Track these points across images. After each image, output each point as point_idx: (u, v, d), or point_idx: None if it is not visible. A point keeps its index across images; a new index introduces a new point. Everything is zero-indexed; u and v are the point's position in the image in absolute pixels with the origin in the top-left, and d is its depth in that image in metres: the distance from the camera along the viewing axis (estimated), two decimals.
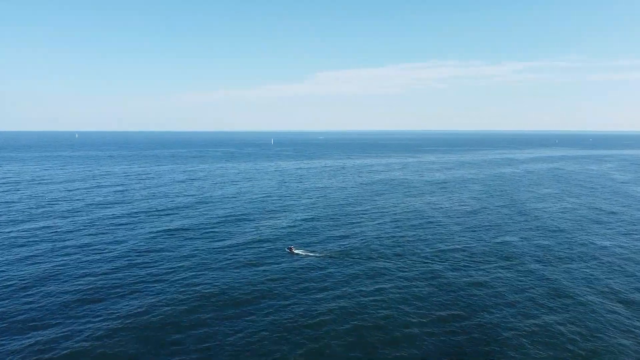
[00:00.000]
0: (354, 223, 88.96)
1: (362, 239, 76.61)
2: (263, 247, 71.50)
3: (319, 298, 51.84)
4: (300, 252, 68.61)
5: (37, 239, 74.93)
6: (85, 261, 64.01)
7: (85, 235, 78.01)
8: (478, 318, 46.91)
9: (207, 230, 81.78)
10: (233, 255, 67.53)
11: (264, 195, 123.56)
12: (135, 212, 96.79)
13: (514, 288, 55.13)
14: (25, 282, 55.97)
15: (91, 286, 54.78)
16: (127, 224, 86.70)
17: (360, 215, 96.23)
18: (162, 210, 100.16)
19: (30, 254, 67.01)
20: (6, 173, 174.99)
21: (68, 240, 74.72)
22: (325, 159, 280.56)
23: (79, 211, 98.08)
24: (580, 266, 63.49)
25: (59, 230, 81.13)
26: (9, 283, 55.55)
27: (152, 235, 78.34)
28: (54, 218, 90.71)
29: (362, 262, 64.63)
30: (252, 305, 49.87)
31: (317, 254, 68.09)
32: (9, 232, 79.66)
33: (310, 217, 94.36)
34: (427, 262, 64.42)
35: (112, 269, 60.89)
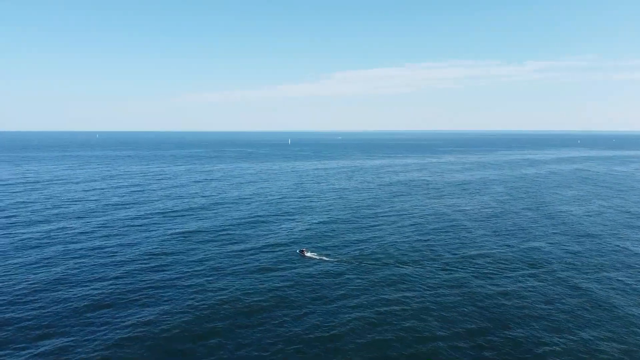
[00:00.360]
0: (371, 226, 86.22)
1: (380, 243, 73.85)
2: (278, 251, 69.29)
3: (336, 307, 49.31)
4: (314, 256, 66.51)
5: (50, 241, 73.96)
6: (97, 264, 62.61)
7: (99, 237, 76.87)
8: (507, 331, 43.87)
9: (221, 233, 79.96)
10: (247, 259, 65.44)
11: (281, 196, 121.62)
12: (150, 214, 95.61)
13: (545, 298, 51.83)
14: (34, 286, 54.63)
15: (101, 291, 53.20)
16: (141, 225, 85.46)
17: (378, 218, 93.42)
18: (177, 211, 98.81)
19: (42, 256, 65.88)
20: (25, 173, 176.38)
21: (81, 242, 73.58)
22: (342, 159, 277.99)
23: (94, 212, 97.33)
24: (614, 275, 59.72)
25: (72, 231, 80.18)
26: (18, 287, 54.29)
27: (166, 237, 76.83)
28: (68, 219, 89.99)
29: (380, 268, 61.91)
30: (266, 313, 47.62)
31: (330, 258, 65.73)
32: (22, 233, 78.96)
33: (326, 219, 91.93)
34: (450, 269, 61.40)
35: (124, 273, 59.32)
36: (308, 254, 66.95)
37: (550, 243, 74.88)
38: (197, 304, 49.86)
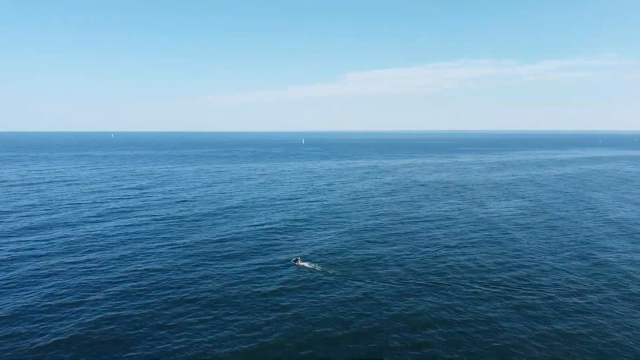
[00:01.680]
0: (393, 234, 74.35)
1: (405, 257, 61.91)
2: (286, 269, 57.69)
3: (348, 350, 37.51)
4: (313, 266, 57.36)
5: (24, 254, 63.28)
6: (72, 286, 51.64)
7: (81, 250, 65.99)
8: None
9: (222, 245, 68.73)
10: (250, 278, 53.96)
11: (291, 201, 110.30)
12: (147, 222, 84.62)
13: (636, 337, 39.60)
14: None
15: (68, 322, 42.14)
16: (134, 233, 74.74)
17: (401, 226, 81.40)
18: (177, 218, 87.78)
19: (7, 275, 55.15)
20: (27, 174, 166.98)
21: (59, 256, 62.63)
22: (357, 159, 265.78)
23: (86, 218, 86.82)
24: None
25: (55, 242, 69.56)
26: None
27: (158, 251, 65.78)
28: (54, 228, 79.50)
29: (410, 290, 49.94)
30: (270, 355, 36.13)
31: (336, 271, 55.91)
32: None
33: (340, 228, 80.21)
34: (504, 292, 49.26)
35: (99, 299, 48.16)
36: (302, 263, 58.39)
37: (618, 257, 62.32)
38: (184, 347, 38.55)
